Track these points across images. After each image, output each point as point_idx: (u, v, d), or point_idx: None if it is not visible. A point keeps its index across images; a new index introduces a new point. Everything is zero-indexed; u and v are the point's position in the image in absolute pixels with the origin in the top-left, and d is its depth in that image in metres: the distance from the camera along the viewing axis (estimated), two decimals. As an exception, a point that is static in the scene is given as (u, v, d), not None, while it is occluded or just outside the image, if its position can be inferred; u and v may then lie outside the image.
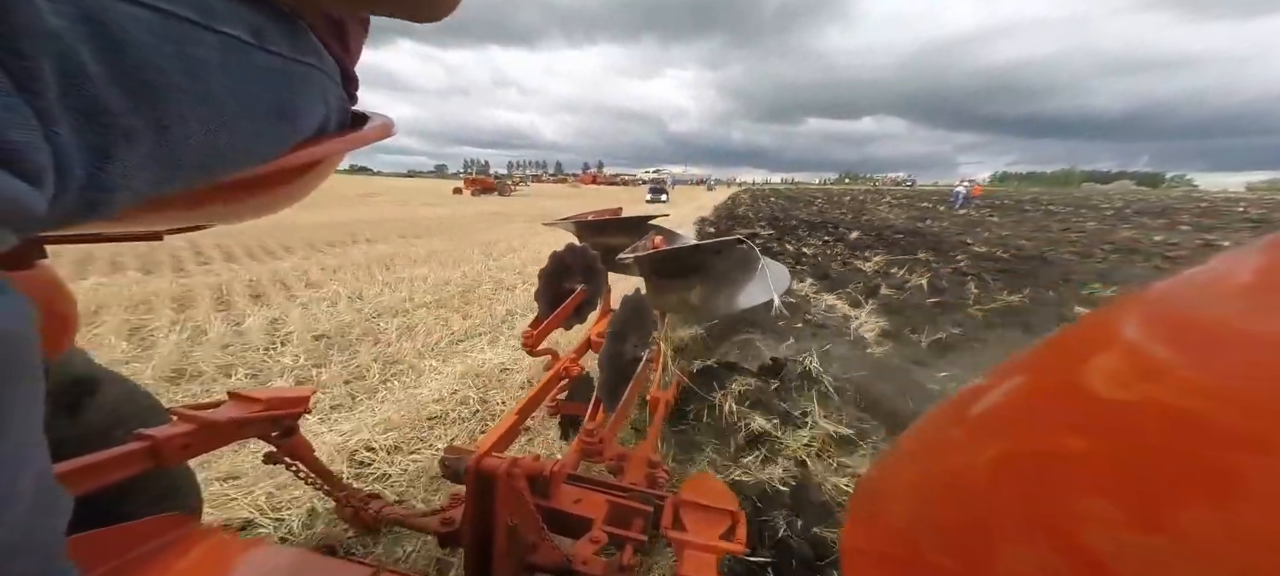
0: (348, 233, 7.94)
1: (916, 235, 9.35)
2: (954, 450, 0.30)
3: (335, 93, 0.51)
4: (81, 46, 0.25)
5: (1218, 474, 0.17)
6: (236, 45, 0.35)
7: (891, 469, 0.35)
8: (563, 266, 1.65)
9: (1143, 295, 0.24)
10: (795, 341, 3.00)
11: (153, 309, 3.37)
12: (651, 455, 1.22)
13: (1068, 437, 0.22)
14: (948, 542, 0.27)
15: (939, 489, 0.29)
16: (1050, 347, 0.28)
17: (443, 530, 0.91)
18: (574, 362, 1.66)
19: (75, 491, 0.48)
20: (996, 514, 0.24)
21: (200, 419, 0.79)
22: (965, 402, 0.30)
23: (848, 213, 16.76)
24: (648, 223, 2.07)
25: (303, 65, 0.44)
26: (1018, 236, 9.55)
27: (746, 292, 1.46)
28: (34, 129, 0.23)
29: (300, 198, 0.62)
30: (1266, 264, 0.21)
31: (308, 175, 0.55)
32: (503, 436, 1.04)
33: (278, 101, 0.42)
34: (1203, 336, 0.20)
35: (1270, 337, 0.18)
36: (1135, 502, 0.18)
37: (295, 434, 0.95)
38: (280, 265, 5.05)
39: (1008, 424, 0.27)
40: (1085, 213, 19.18)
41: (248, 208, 0.59)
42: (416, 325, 3.26)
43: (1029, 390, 0.27)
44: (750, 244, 1.46)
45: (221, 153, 0.37)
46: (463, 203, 21.27)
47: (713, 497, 0.90)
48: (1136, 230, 11.69)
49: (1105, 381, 0.22)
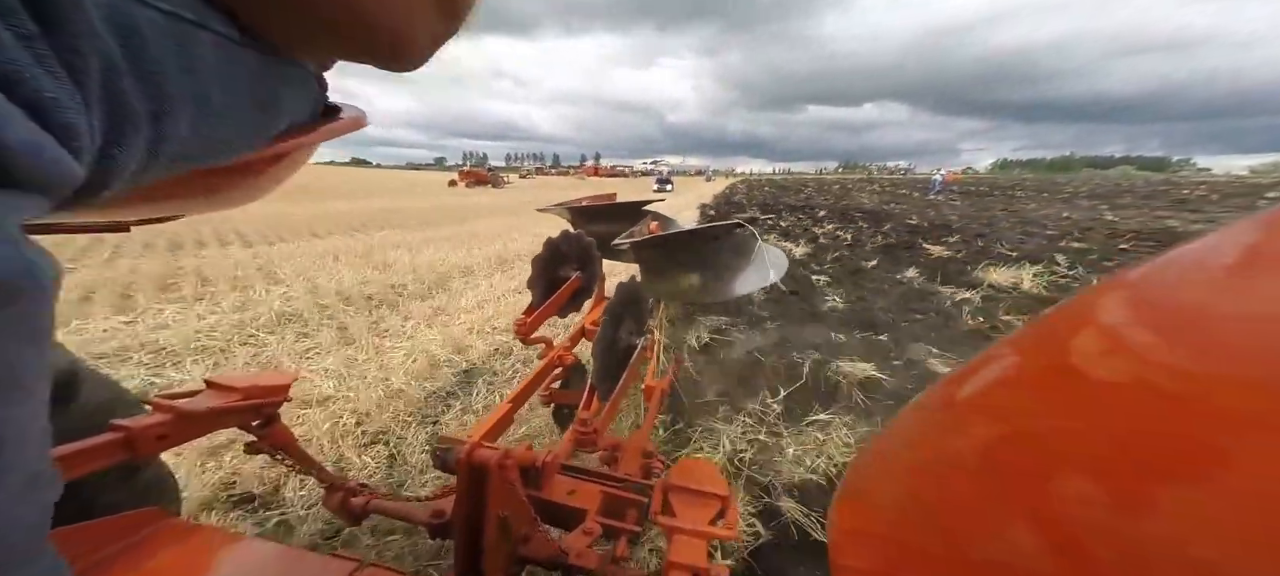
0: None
1: (872, 213, 11.76)
2: (942, 433, 0.30)
3: (311, 86, 0.52)
4: (113, 44, 0.28)
5: (1202, 455, 0.17)
6: (226, 43, 0.37)
7: (881, 451, 0.36)
8: (557, 253, 1.64)
9: (1128, 277, 0.24)
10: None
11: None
12: (646, 445, 1.22)
13: (1053, 420, 0.22)
14: (935, 525, 0.27)
15: (927, 472, 0.30)
16: (1036, 331, 0.28)
17: (433, 521, 0.91)
18: (568, 351, 1.63)
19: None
20: (983, 497, 0.24)
21: (176, 408, 0.78)
22: (954, 386, 0.30)
23: (829, 198, 19.18)
24: (643, 208, 2.07)
25: (285, 62, 0.45)
26: (951, 215, 11.90)
27: (744, 277, 1.44)
28: (81, 113, 0.26)
29: (271, 189, 0.62)
30: (1252, 244, 0.21)
31: (282, 166, 0.56)
32: (495, 426, 1.03)
33: (260, 96, 0.43)
34: (1186, 318, 0.20)
35: (1254, 318, 0.18)
36: (1119, 485, 0.18)
37: (276, 422, 0.93)
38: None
39: (994, 407, 0.27)
40: (1046, 197, 21.50)
41: (220, 199, 0.59)
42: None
43: (1015, 373, 0.27)
44: (749, 227, 1.44)
45: (207, 143, 0.39)
46: (456, 194, 22.64)
47: (702, 481, 0.90)
48: (1069, 209, 14.04)
49: (1090, 364, 0.23)
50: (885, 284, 4.58)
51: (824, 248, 6.52)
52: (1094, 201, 17.92)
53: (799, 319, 3.45)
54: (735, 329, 3.15)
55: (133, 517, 0.69)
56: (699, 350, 2.85)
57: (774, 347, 2.82)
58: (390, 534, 1.37)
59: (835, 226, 8.98)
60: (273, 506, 1.50)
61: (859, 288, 4.43)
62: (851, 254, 6.06)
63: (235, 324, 2.98)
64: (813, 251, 6.23)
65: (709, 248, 1.43)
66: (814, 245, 6.73)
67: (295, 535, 1.40)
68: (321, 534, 1.40)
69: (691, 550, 0.77)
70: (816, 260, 5.71)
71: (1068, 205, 16.04)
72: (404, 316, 3.33)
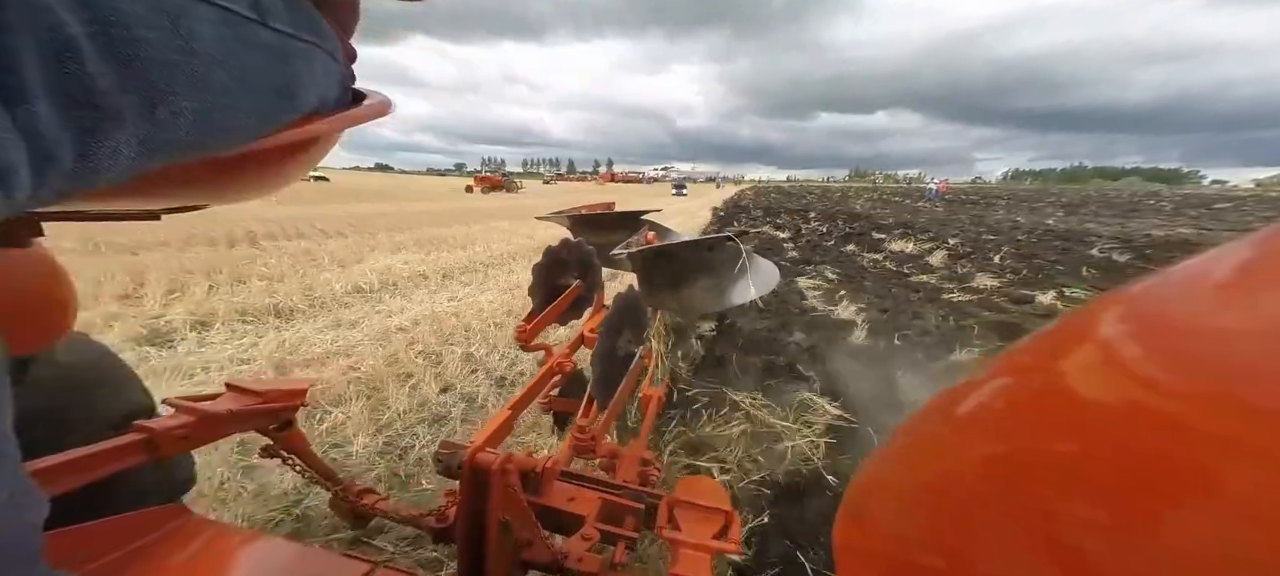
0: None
1: (854, 215, 14.38)
2: (942, 449, 0.30)
3: (336, 70, 0.50)
4: (70, 20, 0.23)
5: (1206, 474, 0.17)
6: (235, 20, 0.34)
7: (883, 467, 0.36)
8: (558, 261, 1.66)
9: (1128, 293, 0.24)
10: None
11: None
12: (644, 453, 1.25)
13: (1053, 438, 0.22)
14: (936, 543, 0.27)
15: (927, 488, 0.30)
16: (1038, 346, 0.28)
17: (436, 525, 0.93)
18: (568, 358, 1.64)
19: (72, 483, 0.52)
20: (984, 515, 0.24)
21: (198, 410, 0.79)
22: (954, 401, 0.30)
23: (825, 204, 21.73)
24: (641, 218, 2.09)
25: (304, 42, 0.43)
26: (921, 218, 14.37)
27: (737, 289, 1.49)
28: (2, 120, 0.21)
29: (298, 176, 0.60)
30: (1253, 260, 0.21)
31: (307, 152, 0.54)
32: (496, 431, 1.05)
33: (278, 78, 0.41)
34: (1186, 335, 0.20)
35: (1258, 334, 0.18)
36: (1123, 504, 0.18)
37: (292, 427, 0.94)
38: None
39: (994, 424, 0.27)
40: (1025, 205, 23.89)
41: (247, 187, 0.58)
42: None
43: (1015, 390, 0.27)
44: (738, 242, 1.49)
45: (217, 130, 0.36)
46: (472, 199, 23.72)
47: (707, 497, 0.91)
48: (1028, 215, 16.54)
49: (1090, 382, 0.22)
50: (831, 253, 7.35)
51: (803, 235, 9.41)
52: (1063, 211, 20.17)
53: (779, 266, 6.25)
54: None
55: (152, 514, 0.72)
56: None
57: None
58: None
59: (819, 224, 11.71)
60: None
61: (814, 254, 7.19)
62: (820, 239, 8.89)
63: (464, 263, 5.70)
64: (792, 236, 9.16)
65: (703, 258, 1.52)
66: (796, 232, 9.69)
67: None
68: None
69: (695, 565, 0.78)
70: (794, 241, 8.61)
71: (1033, 213, 18.38)
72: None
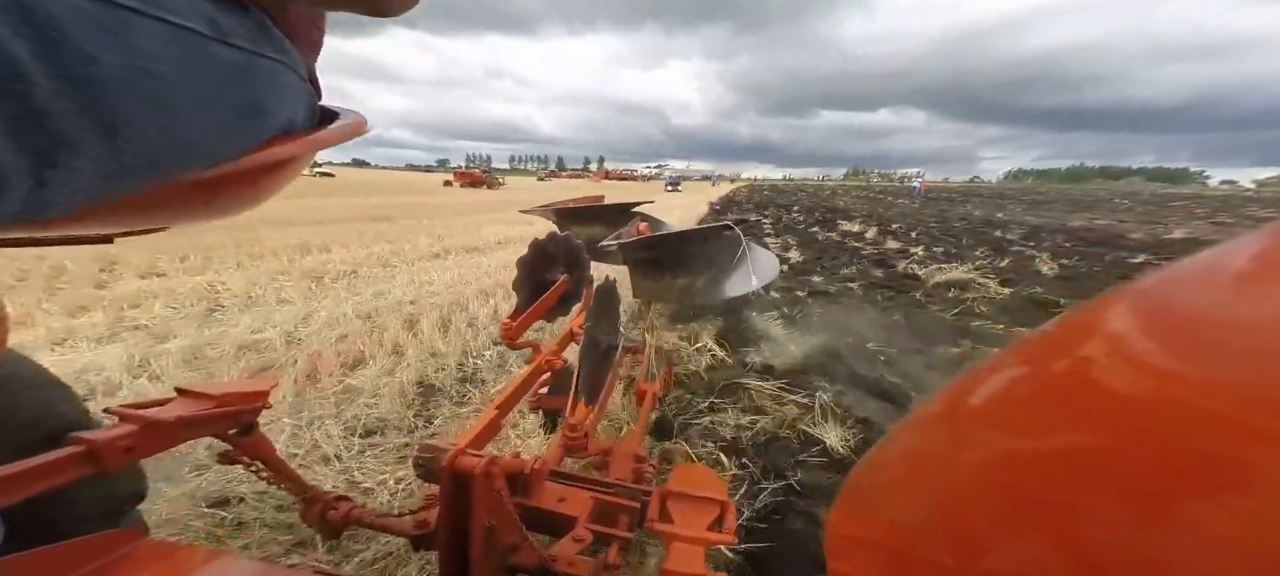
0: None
1: (833, 209, 16.45)
2: (946, 443, 0.30)
3: (303, 89, 0.49)
4: (14, 42, 0.22)
5: (1210, 467, 0.17)
6: (190, 38, 0.32)
7: (885, 458, 0.36)
8: (544, 255, 1.60)
9: (1136, 287, 0.24)
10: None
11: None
12: (637, 449, 1.21)
13: (1058, 432, 0.22)
14: (938, 536, 0.27)
15: (932, 482, 0.29)
16: (1042, 340, 0.28)
17: (416, 532, 0.89)
18: (557, 355, 1.58)
19: (2, 502, 0.48)
20: (987, 508, 0.24)
21: (144, 418, 0.74)
22: (958, 395, 0.30)
23: (812, 200, 23.89)
24: (631, 210, 2.00)
25: (267, 60, 0.41)
26: (892, 211, 16.40)
27: (734, 279, 1.42)
28: None
29: (267, 197, 0.59)
30: (1264, 252, 0.21)
31: (276, 174, 0.52)
32: (480, 433, 1.01)
33: (241, 98, 0.40)
34: (1194, 328, 0.20)
35: (1264, 328, 0.18)
36: (1134, 498, 0.18)
37: (255, 431, 0.90)
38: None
39: (998, 418, 0.27)
40: (997, 202, 25.88)
41: (210, 209, 0.55)
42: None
43: (1020, 384, 0.27)
44: (737, 231, 1.41)
45: (179, 152, 0.35)
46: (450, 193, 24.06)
47: (700, 487, 0.89)
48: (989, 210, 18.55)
49: (1096, 375, 0.22)
50: (798, 231, 9.44)
51: (783, 222, 11.67)
52: (1023, 207, 22.05)
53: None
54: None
55: (104, 539, 0.68)
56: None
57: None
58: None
59: (798, 215, 13.85)
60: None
61: (786, 232, 9.27)
62: (794, 224, 11.16)
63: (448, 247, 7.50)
64: (774, 221, 11.46)
65: (698, 249, 1.43)
66: (778, 220, 11.96)
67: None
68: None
69: (689, 558, 0.76)
70: (774, 225, 10.87)
71: (998, 209, 20.04)
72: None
